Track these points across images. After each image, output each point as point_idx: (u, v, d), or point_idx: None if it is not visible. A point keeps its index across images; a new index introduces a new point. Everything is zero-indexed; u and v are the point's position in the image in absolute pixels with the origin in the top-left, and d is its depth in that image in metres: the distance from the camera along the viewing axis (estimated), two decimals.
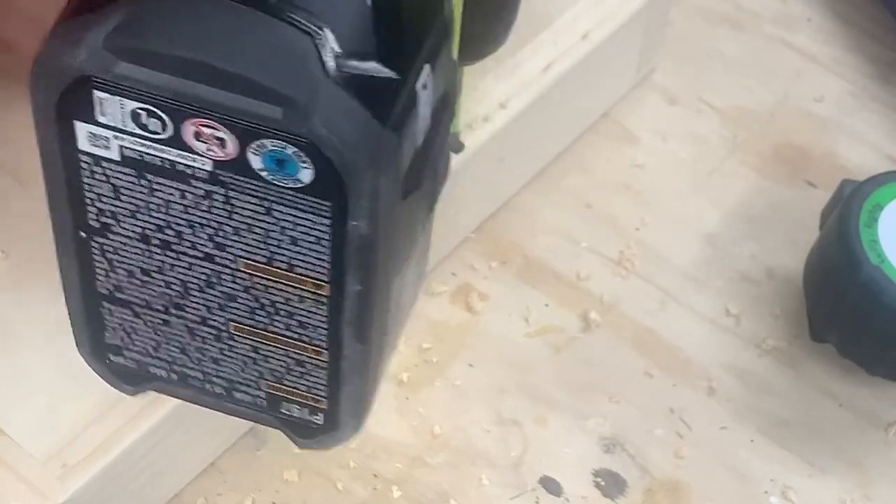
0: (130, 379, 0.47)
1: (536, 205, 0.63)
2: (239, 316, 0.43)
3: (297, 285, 0.42)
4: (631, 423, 0.57)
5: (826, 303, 0.57)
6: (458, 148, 0.55)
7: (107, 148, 0.40)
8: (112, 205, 0.41)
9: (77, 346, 0.46)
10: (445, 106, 0.43)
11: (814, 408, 0.58)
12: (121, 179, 0.41)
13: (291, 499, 0.54)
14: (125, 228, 0.42)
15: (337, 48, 0.38)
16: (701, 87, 0.68)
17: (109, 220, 0.42)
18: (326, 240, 0.40)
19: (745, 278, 0.61)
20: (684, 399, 0.58)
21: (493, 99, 0.59)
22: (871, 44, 0.70)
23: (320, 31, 0.38)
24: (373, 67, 0.39)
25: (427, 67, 0.41)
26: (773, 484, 0.56)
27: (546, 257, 0.61)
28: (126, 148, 0.40)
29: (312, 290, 0.42)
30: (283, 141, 0.38)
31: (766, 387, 0.58)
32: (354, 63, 0.38)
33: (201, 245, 0.42)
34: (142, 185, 0.40)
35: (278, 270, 0.42)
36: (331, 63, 0.38)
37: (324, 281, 0.41)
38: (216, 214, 0.41)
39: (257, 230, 0.41)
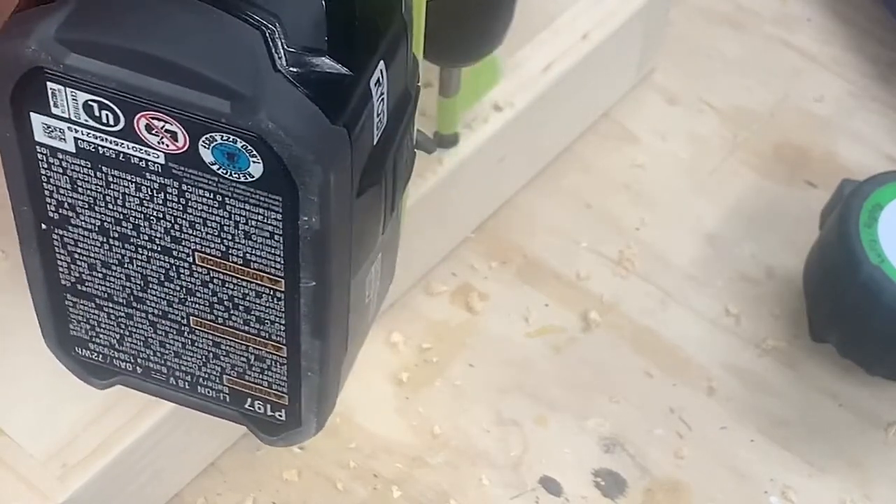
0: (97, 372, 0.47)
1: (536, 205, 0.63)
2: (198, 310, 0.43)
3: (253, 280, 0.42)
4: (631, 423, 0.57)
5: (826, 303, 0.57)
6: (431, 148, 0.56)
7: (62, 139, 0.40)
8: (70, 196, 0.41)
9: (43, 337, 0.46)
10: (405, 104, 0.43)
11: (814, 408, 0.58)
12: (77, 171, 0.41)
13: (291, 499, 0.54)
14: (84, 221, 0.42)
15: (288, 43, 0.38)
16: (701, 87, 0.68)
17: (68, 212, 0.42)
18: (279, 235, 0.40)
19: (745, 278, 0.61)
20: (684, 399, 0.58)
21: (493, 99, 0.59)
22: (871, 44, 0.70)
23: (271, 26, 0.38)
24: (324, 63, 0.39)
25: (382, 64, 0.40)
26: (773, 484, 0.56)
27: (546, 257, 0.61)
28: (81, 140, 0.40)
29: (268, 286, 0.42)
30: (233, 135, 0.38)
31: (766, 387, 0.58)
32: (306, 58, 0.38)
33: (158, 238, 0.42)
34: (98, 178, 0.41)
35: (234, 265, 0.42)
36: (281, 58, 0.38)
37: (279, 276, 0.41)
38: (171, 208, 0.41)
39: (211, 224, 0.41)
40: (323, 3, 0.39)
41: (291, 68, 0.38)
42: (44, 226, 0.43)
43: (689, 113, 0.67)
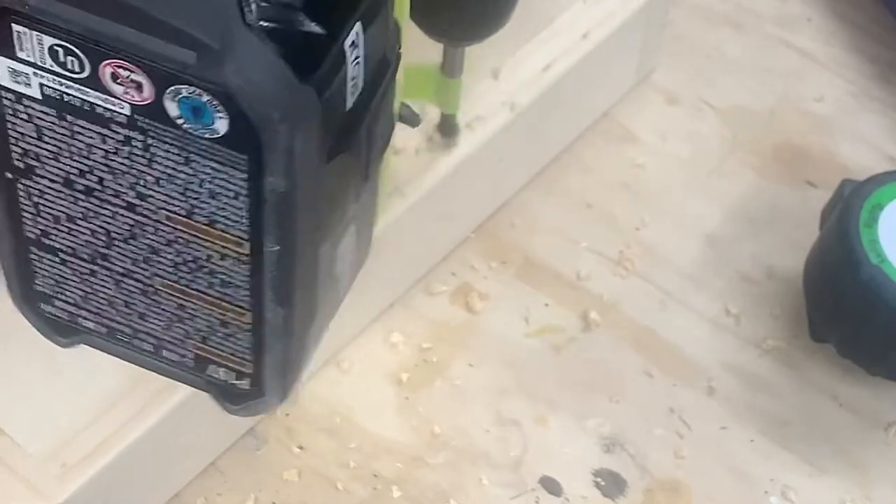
0: (62, 330, 0.46)
1: (536, 205, 0.63)
2: (162, 270, 0.43)
3: (217, 242, 0.41)
4: (631, 423, 0.57)
5: (826, 303, 0.57)
6: (416, 121, 0.53)
7: (27, 85, 0.40)
8: (35, 145, 0.41)
9: (9, 292, 0.46)
10: (384, 70, 0.42)
11: (814, 408, 0.58)
12: (43, 119, 0.40)
13: (291, 499, 0.54)
14: (49, 171, 0.42)
15: None
16: (701, 87, 0.68)
17: (33, 162, 0.41)
18: (244, 195, 0.40)
19: (745, 278, 0.61)
20: (684, 399, 0.58)
21: (493, 99, 0.59)
22: (871, 44, 0.70)
23: None
24: (298, 20, 0.38)
25: (358, 26, 0.40)
26: (773, 484, 0.56)
27: (546, 257, 0.61)
28: (46, 86, 0.39)
29: (233, 249, 0.41)
30: (198, 87, 0.38)
31: (766, 387, 0.58)
32: (279, 14, 0.38)
33: (123, 193, 0.41)
34: (63, 127, 0.40)
35: (199, 225, 0.41)
36: (252, 12, 0.37)
37: (243, 239, 0.41)
38: (136, 162, 0.40)
39: (177, 181, 0.40)
40: None
41: (263, 23, 0.37)
42: (9, 175, 0.42)
43: (689, 113, 0.67)
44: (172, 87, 0.38)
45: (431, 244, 0.59)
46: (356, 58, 0.40)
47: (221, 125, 0.38)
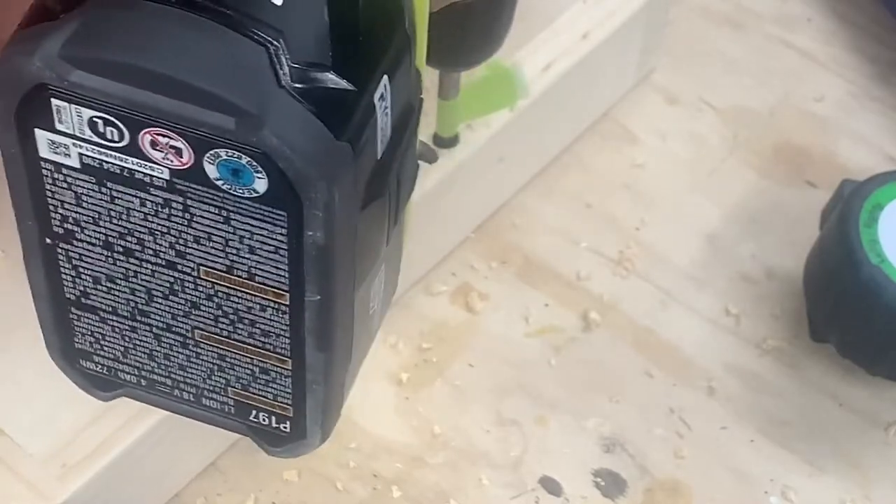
0: (102, 384, 0.47)
1: (536, 205, 0.63)
2: (203, 323, 0.44)
3: (257, 294, 0.42)
4: (631, 423, 0.57)
5: (826, 303, 0.57)
6: (433, 158, 0.56)
7: (67, 155, 0.40)
8: (75, 212, 0.42)
9: (48, 349, 0.46)
10: (409, 117, 0.43)
11: (814, 408, 0.58)
12: (82, 187, 0.41)
13: (291, 499, 0.54)
14: (88, 235, 0.42)
15: (292, 59, 0.38)
16: (701, 87, 0.68)
17: (73, 227, 0.42)
18: (284, 249, 0.40)
19: (745, 278, 0.61)
20: (684, 399, 0.58)
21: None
22: (871, 44, 0.70)
23: (275, 42, 0.38)
24: (329, 79, 0.39)
25: (385, 79, 0.41)
26: (773, 484, 0.56)
27: (546, 257, 0.61)
28: (85, 156, 0.40)
29: (273, 300, 0.42)
30: (238, 151, 0.38)
31: (766, 387, 0.58)
32: (310, 74, 0.38)
33: (163, 253, 0.42)
34: (102, 193, 0.41)
35: (238, 279, 0.42)
36: (285, 74, 0.38)
37: (283, 290, 0.42)
38: (175, 223, 0.41)
39: (216, 239, 0.41)
40: (326, 18, 0.39)
41: (295, 84, 0.38)
42: (48, 240, 0.43)
43: (689, 113, 0.67)
44: (212, 151, 0.38)
45: (431, 244, 0.59)
46: (385, 108, 0.41)
47: (261, 184, 0.39)
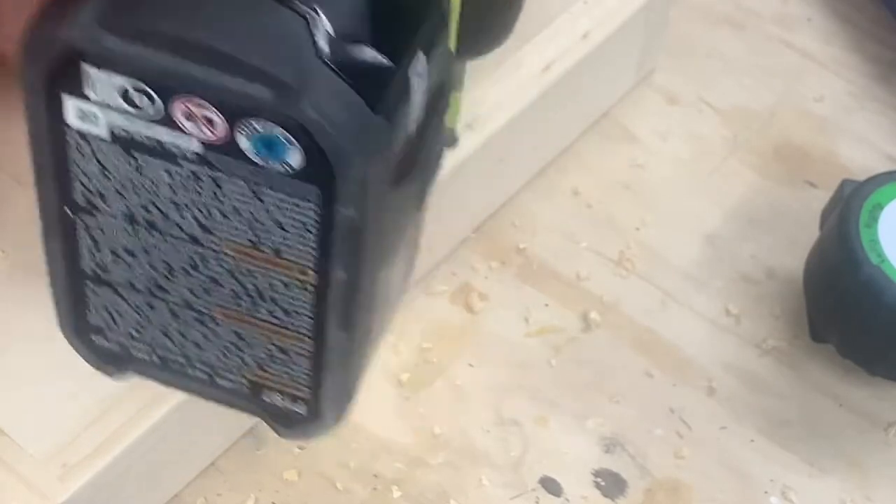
0: (112, 361, 0.46)
1: (536, 205, 0.63)
2: (223, 300, 0.43)
3: (282, 271, 0.41)
4: (631, 423, 0.57)
5: (826, 303, 0.57)
6: (453, 142, 0.55)
7: (95, 124, 0.39)
8: (98, 182, 0.41)
9: (59, 325, 0.46)
10: (440, 96, 0.43)
11: (814, 408, 0.58)
12: (108, 157, 0.40)
13: (291, 499, 0.54)
14: (111, 207, 0.41)
15: (331, 32, 0.38)
16: (701, 87, 0.68)
17: (95, 198, 0.41)
18: (313, 226, 0.40)
19: (745, 278, 0.61)
20: (684, 399, 0.58)
21: (493, 99, 0.59)
22: (871, 44, 0.70)
23: (315, 14, 0.38)
24: (367, 53, 0.38)
25: (422, 56, 0.40)
26: (773, 484, 0.56)
27: (546, 257, 0.61)
28: (115, 125, 0.39)
29: (298, 277, 0.41)
30: (273, 123, 0.38)
31: (766, 387, 0.58)
32: (348, 48, 0.38)
33: (187, 226, 0.41)
34: (129, 164, 0.40)
35: (264, 255, 0.41)
36: (324, 47, 0.37)
37: (310, 268, 0.41)
38: (203, 196, 0.40)
39: (244, 213, 0.40)
40: None
41: (334, 57, 0.38)
42: (68, 211, 0.42)
43: (689, 113, 0.67)
44: (246, 123, 0.38)
45: (431, 244, 0.59)
46: (419, 85, 0.40)
47: (294, 158, 0.38)
